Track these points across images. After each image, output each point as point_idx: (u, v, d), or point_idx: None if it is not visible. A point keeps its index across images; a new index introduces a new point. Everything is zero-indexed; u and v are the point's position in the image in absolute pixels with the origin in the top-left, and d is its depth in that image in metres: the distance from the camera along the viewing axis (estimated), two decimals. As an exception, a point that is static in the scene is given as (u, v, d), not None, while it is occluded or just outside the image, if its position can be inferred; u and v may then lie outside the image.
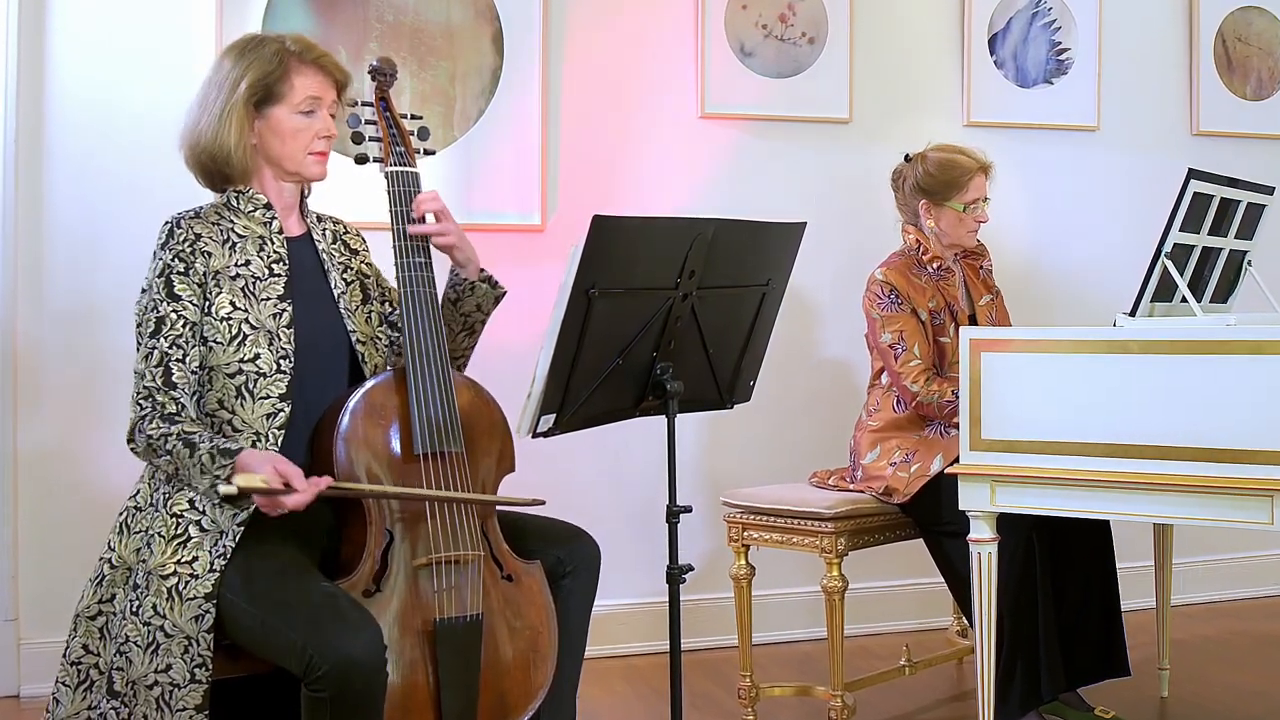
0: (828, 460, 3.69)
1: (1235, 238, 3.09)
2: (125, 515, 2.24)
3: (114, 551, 2.21)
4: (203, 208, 2.31)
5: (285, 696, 2.13)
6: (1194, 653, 3.82)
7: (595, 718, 3.31)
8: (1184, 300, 2.82)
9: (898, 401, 3.24)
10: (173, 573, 2.12)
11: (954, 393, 3.07)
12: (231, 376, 2.21)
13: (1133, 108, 4.37)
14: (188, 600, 2.10)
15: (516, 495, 2.34)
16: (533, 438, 2.27)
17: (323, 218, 2.48)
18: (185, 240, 2.22)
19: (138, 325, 2.22)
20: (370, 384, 2.27)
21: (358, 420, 2.23)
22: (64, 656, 2.21)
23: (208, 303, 2.22)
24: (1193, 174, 2.78)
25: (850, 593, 3.09)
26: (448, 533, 2.23)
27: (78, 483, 3.43)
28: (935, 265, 3.30)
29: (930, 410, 3.17)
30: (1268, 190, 3.11)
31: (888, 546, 3.25)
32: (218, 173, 2.32)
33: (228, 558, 2.13)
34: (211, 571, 2.12)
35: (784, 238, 2.52)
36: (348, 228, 2.52)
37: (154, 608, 2.11)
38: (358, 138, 2.46)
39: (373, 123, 2.47)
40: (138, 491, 2.26)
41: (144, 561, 2.16)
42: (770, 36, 3.97)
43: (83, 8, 3.44)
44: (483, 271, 2.49)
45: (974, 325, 3.29)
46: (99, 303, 3.43)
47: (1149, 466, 2.47)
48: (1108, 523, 3.09)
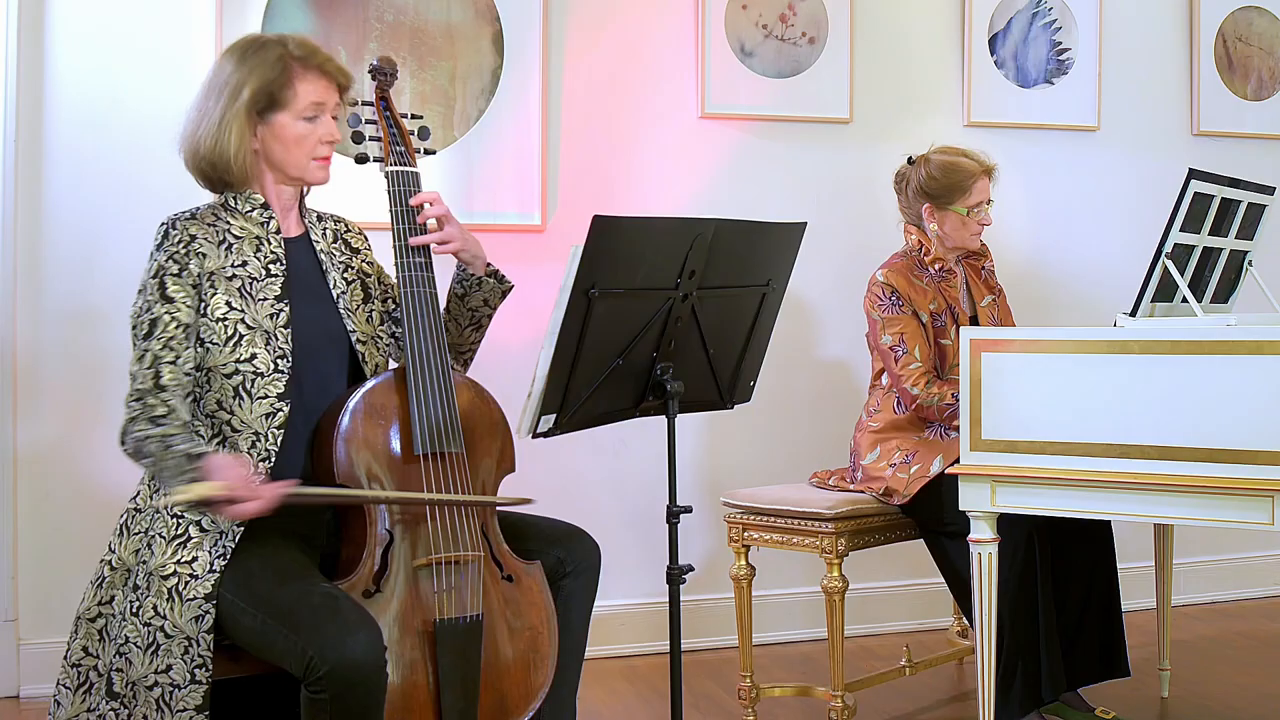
0: (828, 461, 3.69)
1: (1236, 238, 3.08)
2: (125, 517, 2.24)
3: (114, 554, 2.21)
4: (199, 209, 2.30)
5: (285, 697, 2.13)
6: (1195, 653, 3.82)
7: (595, 718, 3.31)
8: (1184, 300, 2.82)
9: (898, 402, 3.23)
10: (173, 573, 2.12)
11: (954, 395, 3.07)
12: (229, 377, 2.21)
13: (1133, 108, 4.37)
14: (188, 601, 2.10)
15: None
16: (533, 438, 2.27)
17: (323, 216, 2.47)
18: (180, 242, 2.22)
19: (132, 327, 2.22)
20: (370, 384, 2.27)
21: (358, 420, 2.23)
22: (64, 658, 2.21)
23: (203, 304, 2.21)
24: (1193, 174, 2.78)
25: (851, 593, 3.09)
26: (448, 533, 2.22)
27: (78, 483, 3.42)
28: (937, 266, 3.29)
29: (930, 413, 3.16)
30: (1268, 190, 3.11)
31: (888, 547, 3.24)
32: (217, 178, 2.32)
33: (228, 558, 2.13)
34: (211, 572, 2.12)
35: (784, 238, 2.51)
36: (350, 226, 2.51)
37: (154, 608, 2.11)
38: (358, 137, 2.46)
39: (373, 122, 2.47)
40: (138, 493, 2.26)
41: (144, 563, 2.16)
42: (770, 36, 3.97)
43: (83, 8, 3.43)
44: (489, 266, 2.48)
45: (975, 326, 3.29)
46: (99, 303, 3.42)
47: (1149, 467, 2.47)
48: (1108, 523, 3.09)
